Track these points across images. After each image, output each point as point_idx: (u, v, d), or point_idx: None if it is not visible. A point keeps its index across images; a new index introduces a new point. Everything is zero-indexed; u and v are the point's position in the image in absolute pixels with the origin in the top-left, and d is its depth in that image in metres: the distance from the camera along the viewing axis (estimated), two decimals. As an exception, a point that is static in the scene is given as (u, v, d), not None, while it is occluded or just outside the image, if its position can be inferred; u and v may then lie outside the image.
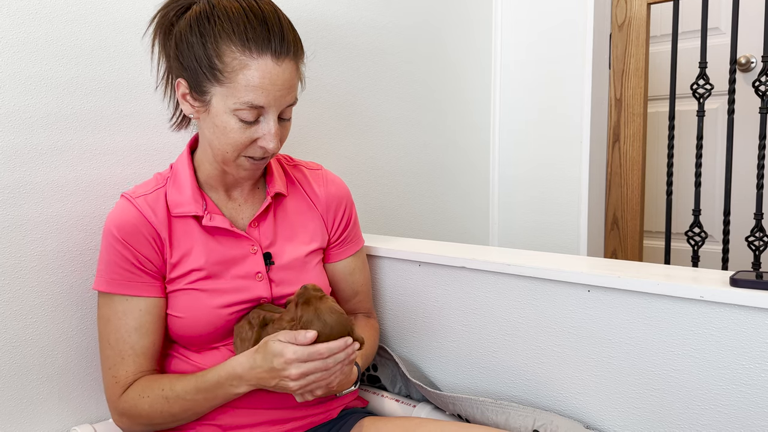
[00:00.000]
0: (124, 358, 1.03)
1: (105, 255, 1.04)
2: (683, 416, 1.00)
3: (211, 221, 1.06)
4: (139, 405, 1.02)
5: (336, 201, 1.21)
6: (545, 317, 1.15)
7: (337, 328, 0.96)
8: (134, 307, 1.03)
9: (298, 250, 1.13)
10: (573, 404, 1.12)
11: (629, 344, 1.05)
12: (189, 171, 1.08)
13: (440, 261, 1.30)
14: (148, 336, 1.05)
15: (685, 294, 0.97)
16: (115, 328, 1.03)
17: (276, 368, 0.95)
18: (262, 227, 1.11)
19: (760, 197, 1.74)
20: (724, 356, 0.95)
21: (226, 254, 1.07)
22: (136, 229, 1.03)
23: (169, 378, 1.04)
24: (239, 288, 1.07)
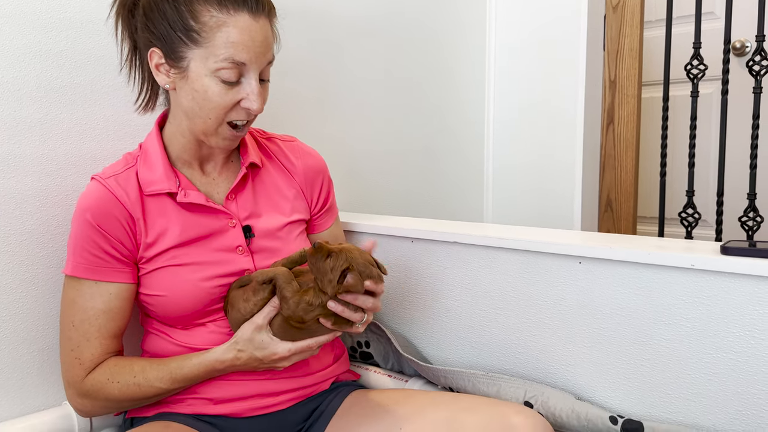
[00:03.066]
0: (89, 339, 1.01)
1: (75, 239, 1.02)
2: (674, 385, 1.00)
3: (186, 197, 1.04)
4: (108, 388, 1.01)
5: (313, 173, 1.20)
6: (537, 290, 1.15)
7: (367, 263, 0.98)
8: (104, 291, 1.02)
9: (278, 221, 1.12)
10: (564, 376, 1.13)
11: (620, 315, 1.05)
12: (159, 148, 1.06)
13: (433, 237, 1.29)
14: (116, 321, 1.03)
15: (676, 263, 0.97)
16: (81, 309, 1.01)
17: (265, 361, 1.00)
18: (239, 200, 1.10)
19: (754, 177, 1.74)
20: (714, 325, 0.96)
21: (204, 229, 1.06)
22: (108, 212, 1.01)
23: (140, 364, 1.02)
24: (221, 261, 1.06)
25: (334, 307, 0.97)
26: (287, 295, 0.98)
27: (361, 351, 1.39)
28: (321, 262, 0.96)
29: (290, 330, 1.00)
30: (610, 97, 2.05)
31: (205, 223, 1.07)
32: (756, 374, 0.92)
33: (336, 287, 0.95)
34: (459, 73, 2.12)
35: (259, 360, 1.00)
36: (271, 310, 1.00)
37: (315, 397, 1.14)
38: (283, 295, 0.99)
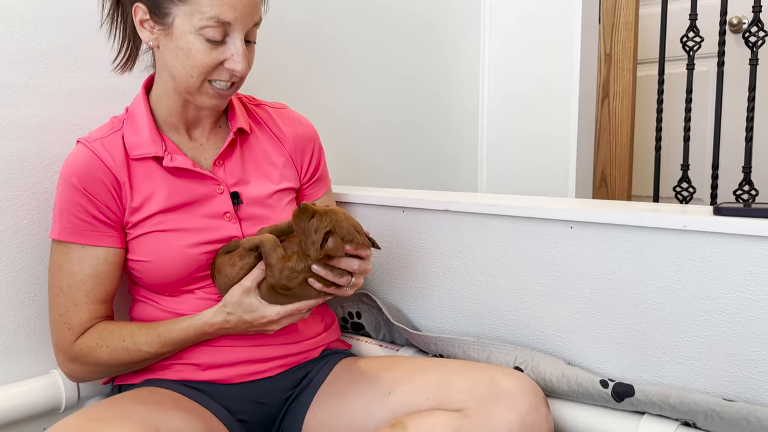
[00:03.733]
0: (77, 304, 1.00)
1: (61, 203, 1.00)
2: (665, 349, 0.99)
3: (173, 162, 1.03)
4: (97, 353, 1.00)
5: (304, 141, 1.18)
6: (528, 257, 1.14)
7: (351, 227, 0.97)
8: (91, 256, 1.01)
9: (267, 188, 1.11)
10: (555, 342, 1.12)
11: (611, 279, 1.04)
12: (146, 112, 1.05)
13: (424, 205, 1.28)
14: (104, 285, 1.02)
15: (668, 224, 0.96)
16: (69, 274, 1.00)
17: (254, 324, 1.00)
18: (227, 166, 1.08)
19: (749, 150, 1.72)
20: (706, 287, 0.94)
21: (191, 195, 1.04)
22: (94, 176, 1.00)
23: (129, 328, 1.02)
24: (208, 227, 1.04)
25: (318, 270, 0.96)
26: (272, 262, 0.97)
27: (352, 322, 1.38)
28: (305, 223, 0.95)
29: (277, 296, 0.99)
30: (606, 71, 2.03)
31: (192, 188, 1.05)
32: (747, 336, 0.92)
33: (318, 251, 0.94)
34: (454, 47, 2.10)
35: (248, 323, 0.99)
36: (260, 273, 0.99)
37: (305, 365, 1.13)
38: (268, 262, 0.98)
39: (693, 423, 0.92)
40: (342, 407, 1.05)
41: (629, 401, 0.96)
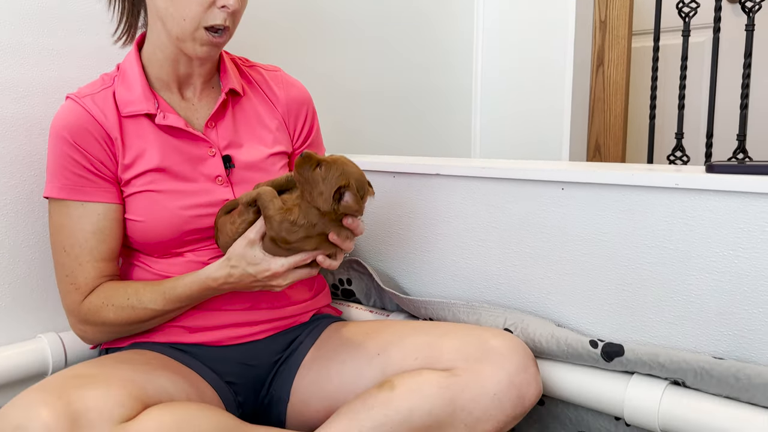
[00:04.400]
0: (82, 264, 0.99)
1: (55, 159, 0.98)
2: (656, 309, 0.99)
3: (165, 120, 1.01)
4: (103, 313, 0.99)
5: (297, 104, 1.15)
6: (519, 219, 1.12)
7: (362, 178, 0.93)
8: (91, 212, 0.99)
9: (259, 152, 1.09)
10: (545, 304, 1.11)
11: (602, 240, 1.03)
12: (138, 68, 1.03)
13: (414, 170, 1.26)
14: (107, 242, 1.00)
15: (660, 183, 0.95)
16: (70, 233, 0.99)
17: (259, 278, 0.95)
18: (219, 128, 1.06)
19: (744, 118, 1.71)
20: (698, 245, 0.93)
21: (182, 156, 1.02)
22: (85, 131, 0.98)
23: (134, 286, 1.00)
24: (199, 190, 1.03)
25: (335, 239, 0.93)
26: (270, 214, 0.93)
27: (343, 289, 1.37)
28: (309, 173, 0.90)
29: (279, 251, 0.95)
30: (600, 38, 2.01)
31: (183, 149, 1.03)
32: (738, 294, 0.91)
33: (329, 201, 0.89)
34: (448, 15, 2.07)
35: (252, 276, 0.95)
36: (263, 226, 0.96)
37: (294, 329, 1.12)
38: (266, 215, 0.94)
39: (682, 382, 0.92)
40: (331, 369, 1.04)
41: (619, 361, 0.96)
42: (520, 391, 0.93)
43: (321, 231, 0.93)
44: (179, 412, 0.85)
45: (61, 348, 1.13)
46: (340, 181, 0.89)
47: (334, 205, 0.89)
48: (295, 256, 0.95)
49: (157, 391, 0.88)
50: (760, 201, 0.87)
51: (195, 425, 0.84)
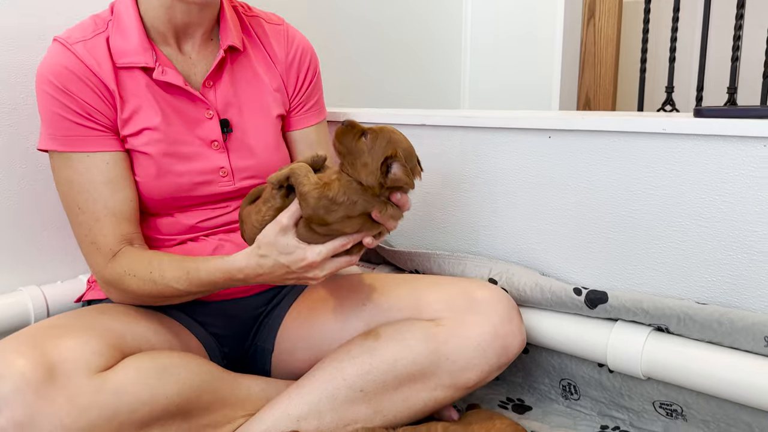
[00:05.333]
0: (99, 219, 0.92)
1: (48, 109, 0.91)
2: (642, 257, 0.98)
3: (164, 75, 0.94)
4: (126, 281, 0.92)
5: (299, 57, 1.07)
6: (504, 169, 1.11)
7: (411, 149, 0.83)
8: (99, 162, 0.92)
9: (259, 116, 1.03)
10: (530, 254, 1.10)
11: (588, 189, 1.01)
12: (134, 14, 0.95)
13: (400, 120, 1.24)
14: (121, 191, 0.93)
15: (647, 128, 0.93)
16: (81, 188, 0.91)
17: (293, 269, 0.85)
18: (218, 88, 0.99)
19: (734, 71, 1.68)
20: (685, 191, 0.92)
21: (178, 116, 0.96)
22: (76, 77, 0.90)
23: (158, 259, 0.92)
24: (193, 155, 0.97)
25: (380, 213, 0.82)
26: (306, 190, 0.81)
27: (328, 242, 1.36)
28: (353, 142, 0.79)
29: (315, 237, 0.83)
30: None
31: (180, 108, 0.96)
32: (724, 240, 0.90)
33: (380, 178, 0.78)
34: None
35: (285, 267, 0.84)
36: (298, 209, 0.84)
37: (277, 287, 1.10)
38: (301, 191, 0.81)
39: (666, 328, 0.92)
40: (316, 319, 1.03)
41: (602, 308, 0.95)
42: (504, 342, 0.93)
43: (363, 209, 0.81)
44: (160, 361, 0.84)
45: (42, 301, 1.12)
46: (387, 150, 0.79)
47: (381, 178, 0.79)
48: (334, 241, 0.84)
49: (137, 340, 0.87)
50: (747, 145, 0.86)
51: (176, 374, 0.84)
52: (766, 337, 0.83)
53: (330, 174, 0.83)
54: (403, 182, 0.80)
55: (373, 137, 0.79)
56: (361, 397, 0.91)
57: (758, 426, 0.87)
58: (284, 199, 0.85)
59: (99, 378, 0.78)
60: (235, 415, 0.91)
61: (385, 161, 0.79)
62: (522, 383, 1.12)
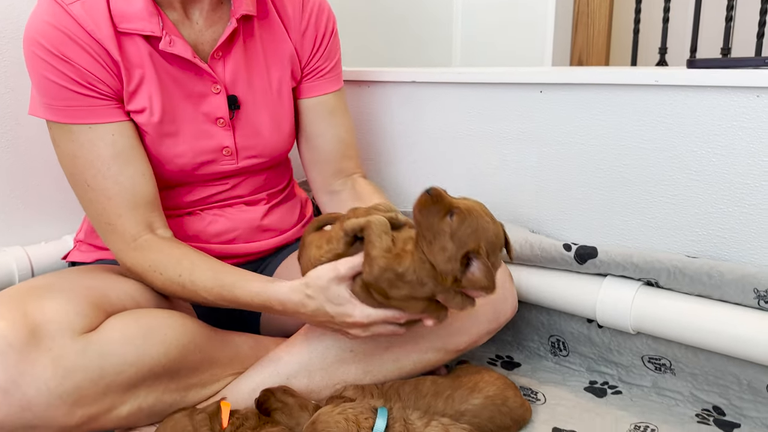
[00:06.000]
0: (111, 197, 0.85)
1: (40, 74, 0.82)
2: (633, 212, 0.97)
3: (171, 46, 0.85)
4: (149, 276, 0.87)
5: (315, 16, 1.00)
6: (495, 126, 1.09)
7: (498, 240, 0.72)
8: (104, 134, 0.84)
9: (268, 93, 0.96)
10: (520, 212, 1.09)
11: (579, 144, 1.00)
12: None
13: (389, 78, 1.22)
14: (131, 164, 0.86)
15: (640, 80, 0.92)
16: (87, 163, 0.84)
17: (336, 321, 0.80)
18: (227, 61, 0.92)
19: (728, 31, 1.66)
20: (676, 145, 0.91)
21: (182, 91, 0.89)
22: (72, 41, 0.81)
23: (189, 260, 0.86)
24: (196, 134, 0.92)
25: (446, 300, 0.75)
26: (373, 254, 0.73)
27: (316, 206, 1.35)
28: (435, 219, 0.70)
29: (369, 299, 0.77)
30: (586, -53, 1.92)
31: (185, 82, 0.89)
32: (715, 193, 0.89)
33: (457, 272, 0.70)
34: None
35: (329, 316, 0.79)
36: (360, 263, 0.76)
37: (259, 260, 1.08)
38: (368, 253, 0.73)
39: (656, 282, 0.92)
40: None
41: (592, 263, 0.95)
42: (496, 307, 0.92)
43: (430, 293, 0.74)
44: (145, 321, 0.83)
45: (27, 262, 1.10)
46: (471, 242, 0.69)
47: (458, 271, 0.70)
48: (388, 311, 0.77)
49: (121, 298, 0.85)
50: (740, 96, 0.85)
51: (162, 334, 0.82)
52: (755, 290, 0.83)
53: (405, 240, 0.74)
54: (480, 286, 0.70)
55: (459, 220, 0.69)
56: (351, 358, 0.91)
57: (745, 377, 0.88)
58: (348, 247, 0.78)
59: (83, 339, 0.76)
60: (224, 373, 0.91)
61: (466, 254, 0.70)
62: (511, 340, 1.12)
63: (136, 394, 0.80)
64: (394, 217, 0.78)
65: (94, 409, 0.77)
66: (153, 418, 0.82)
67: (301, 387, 0.88)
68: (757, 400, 0.88)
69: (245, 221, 1.02)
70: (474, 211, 0.70)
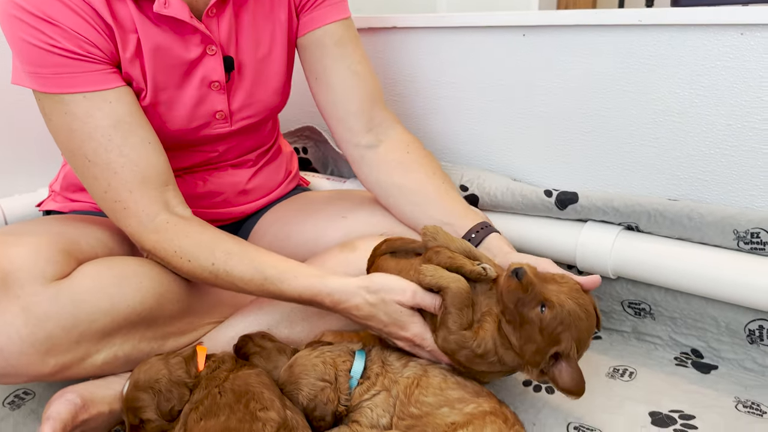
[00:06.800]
0: (117, 171, 0.79)
1: (20, 38, 0.75)
2: (614, 157, 0.96)
3: (167, 8, 0.78)
4: (174, 262, 0.81)
5: None
6: (479, 73, 1.07)
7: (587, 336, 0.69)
8: (100, 103, 0.78)
9: (265, 50, 0.91)
10: (502, 161, 1.08)
11: (562, 88, 0.98)
12: None
13: (370, 24, 1.18)
14: (134, 133, 0.79)
15: (623, 20, 0.89)
16: (86, 135, 0.78)
17: (385, 331, 0.77)
18: (222, 18, 0.85)
19: (718, -23, 1.62)
20: (659, 86, 0.89)
21: (175, 57, 0.83)
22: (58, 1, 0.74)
23: (223, 248, 0.80)
24: (190, 99, 0.87)
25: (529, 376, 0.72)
26: (450, 326, 0.70)
27: (299, 158, 1.33)
28: (526, 309, 0.66)
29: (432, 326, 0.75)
30: None
31: (178, 44, 0.83)
32: (697, 135, 0.88)
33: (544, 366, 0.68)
34: None
35: (382, 324, 0.76)
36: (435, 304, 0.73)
37: None
38: (444, 322, 0.70)
39: (636, 226, 0.91)
40: (291, 230, 1.00)
41: (573, 208, 0.94)
42: None
43: (510, 371, 0.73)
44: (119, 268, 0.81)
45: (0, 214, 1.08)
46: (562, 341, 0.66)
47: (545, 366, 0.68)
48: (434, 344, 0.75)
49: (93, 245, 0.84)
50: (725, 34, 0.83)
51: (137, 282, 0.81)
52: (735, 231, 0.83)
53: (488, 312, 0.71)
54: (567, 390, 0.68)
55: (551, 315, 0.65)
56: (334, 311, 0.90)
57: (724, 319, 0.88)
58: None
59: (54, 287, 0.75)
60: (202, 322, 0.90)
61: (556, 354, 0.67)
62: (493, 290, 1.12)
63: (111, 343, 0.79)
64: (481, 273, 0.72)
65: (68, 358, 0.76)
66: (129, 366, 0.81)
67: (281, 337, 0.88)
68: (735, 342, 0.89)
69: (231, 185, 1.01)
70: (567, 304, 0.66)
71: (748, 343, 0.87)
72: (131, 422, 0.75)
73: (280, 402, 0.72)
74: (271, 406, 0.70)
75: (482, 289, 0.72)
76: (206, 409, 0.71)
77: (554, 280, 0.68)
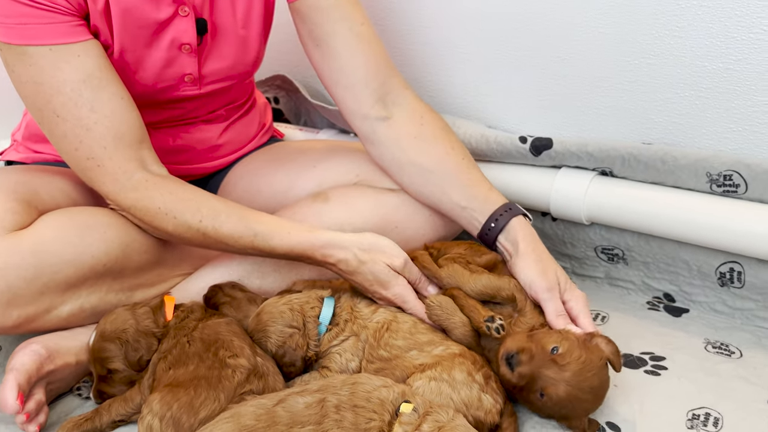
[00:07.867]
0: (89, 128, 0.75)
1: None
2: (588, 100, 0.94)
3: None
4: (158, 219, 0.78)
5: None
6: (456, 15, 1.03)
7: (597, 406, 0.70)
8: (67, 56, 0.74)
9: (240, 11, 0.86)
10: (477, 108, 1.06)
11: (534, 31, 0.95)
12: None
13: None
14: (105, 87, 0.76)
15: (599, -44, 0.87)
16: (53, 89, 0.74)
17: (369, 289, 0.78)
18: None
19: None
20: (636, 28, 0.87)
21: (146, 13, 0.79)
22: None
23: (209, 205, 0.78)
24: (158, 61, 0.83)
25: None
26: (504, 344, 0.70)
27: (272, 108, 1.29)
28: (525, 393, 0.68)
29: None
30: None
31: (150, 3, 0.79)
32: (672, 77, 0.87)
33: None
34: None
35: (367, 282, 0.77)
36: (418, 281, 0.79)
37: None
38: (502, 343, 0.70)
39: (610, 171, 0.90)
40: (261, 180, 0.99)
41: (547, 154, 0.93)
42: None
43: None
44: (82, 218, 0.79)
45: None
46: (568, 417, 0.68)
47: None
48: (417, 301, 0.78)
49: (55, 195, 0.81)
50: (703, -29, 0.81)
51: (102, 232, 0.79)
52: (708, 173, 0.82)
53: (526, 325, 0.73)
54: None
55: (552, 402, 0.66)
56: (307, 261, 0.89)
57: (695, 263, 0.89)
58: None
59: (14, 237, 0.73)
60: (171, 273, 0.88)
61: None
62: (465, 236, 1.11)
63: (77, 294, 0.78)
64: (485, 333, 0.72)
65: (32, 310, 0.74)
66: (96, 318, 0.80)
67: (253, 287, 0.87)
68: (706, 285, 0.89)
69: (201, 141, 0.98)
70: (565, 392, 0.65)
71: (719, 286, 0.88)
72: (99, 373, 0.74)
73: (250, 349, 0.71)
74: (240, 354, 0.70)
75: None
76: (175, 358, 0.70)
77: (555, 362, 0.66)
